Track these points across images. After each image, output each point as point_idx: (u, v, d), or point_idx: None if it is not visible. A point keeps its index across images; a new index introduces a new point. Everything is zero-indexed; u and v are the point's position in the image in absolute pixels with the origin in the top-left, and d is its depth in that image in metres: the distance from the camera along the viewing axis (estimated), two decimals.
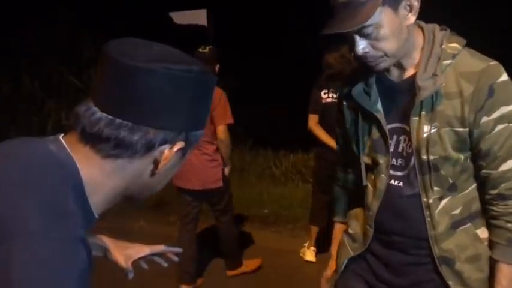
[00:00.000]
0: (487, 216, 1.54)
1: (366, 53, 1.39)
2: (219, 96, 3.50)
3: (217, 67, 3.70)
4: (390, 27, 1.36)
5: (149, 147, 0.86)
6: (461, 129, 1.43)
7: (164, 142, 0.87)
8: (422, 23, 1.50)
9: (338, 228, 1.86)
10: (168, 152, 0.88)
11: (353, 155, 1.64)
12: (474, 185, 1.53)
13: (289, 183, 6.57)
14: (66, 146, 0.87)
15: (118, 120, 0.84)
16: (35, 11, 8.24)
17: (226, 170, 3.78)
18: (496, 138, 1.42)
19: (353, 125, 1.63)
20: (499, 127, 1.41)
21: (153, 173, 0.91)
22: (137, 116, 0.84)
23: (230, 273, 4.08)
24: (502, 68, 1.42)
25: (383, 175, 1.56)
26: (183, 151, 0.91)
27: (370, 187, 1.62)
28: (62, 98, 8.17)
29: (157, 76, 0.83)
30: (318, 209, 4.22)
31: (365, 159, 1.60)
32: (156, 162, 0.89)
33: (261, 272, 4.18)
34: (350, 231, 1.74)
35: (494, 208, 1.50)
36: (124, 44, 0.88)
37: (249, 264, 4.15)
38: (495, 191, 1.48)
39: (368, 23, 1.33)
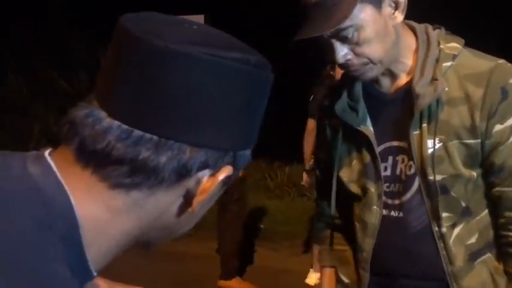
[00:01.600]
0: (501, 243, 1.31)
1: (348, 60, 1.20)
2: None
3: None
4: (373, 28, 1.17)
5: (182, 174, 0.57)
6: (472, 141, 1.23)
7: (204, 166, 0.58)
8: (413, 23, 1.31)
9: (328, 275, 1.56)
10: (209, 181, 0.59)
11: (339, 183, 1.41)
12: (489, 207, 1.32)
13: (285, 196, 6.44)
14: (54, 169, 0.57)
15: (137, 132, 0.55)
16: (23, 9, 8.03)
17: None
18: (511, 149, 1.22)
19: (337, 147, 1.40)
20: None
21: (181, 211, 0.61)
22: (167, 127, 0.56)
23: (223, 283, 3.93)
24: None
25: (375, 207, 1.33)
26: (226, 180, 0.62)
27: (357, 223, 1.39)
28: (50, 100, 7.87)
29: (200, 66, 0.55)
30: None
31: (353, 188, 1.37)
32: (189, 196, 0.60)
33: None
34: (343, 278, 1.49)
35: (511, 234, 1.28)
36: (149, 19, 0.60)
37: (245, 286, 4.00)
38: (511, 213, 1.26)
39: (346, 24, 1.13)
